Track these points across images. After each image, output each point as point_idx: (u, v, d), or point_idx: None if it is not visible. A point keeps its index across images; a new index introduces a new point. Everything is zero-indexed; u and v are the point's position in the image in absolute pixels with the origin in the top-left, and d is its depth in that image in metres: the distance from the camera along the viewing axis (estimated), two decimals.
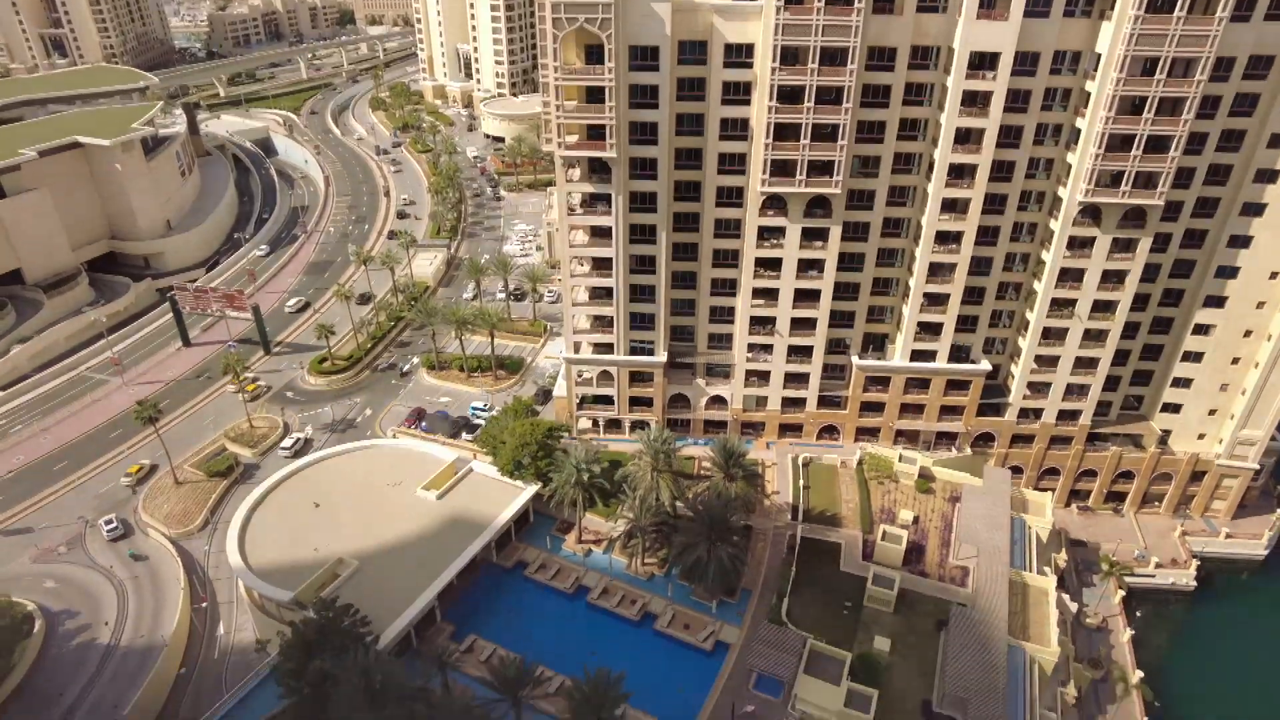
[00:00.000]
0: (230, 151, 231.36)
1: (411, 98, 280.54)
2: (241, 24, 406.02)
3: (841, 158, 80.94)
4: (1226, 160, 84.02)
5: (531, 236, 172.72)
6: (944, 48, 79.18)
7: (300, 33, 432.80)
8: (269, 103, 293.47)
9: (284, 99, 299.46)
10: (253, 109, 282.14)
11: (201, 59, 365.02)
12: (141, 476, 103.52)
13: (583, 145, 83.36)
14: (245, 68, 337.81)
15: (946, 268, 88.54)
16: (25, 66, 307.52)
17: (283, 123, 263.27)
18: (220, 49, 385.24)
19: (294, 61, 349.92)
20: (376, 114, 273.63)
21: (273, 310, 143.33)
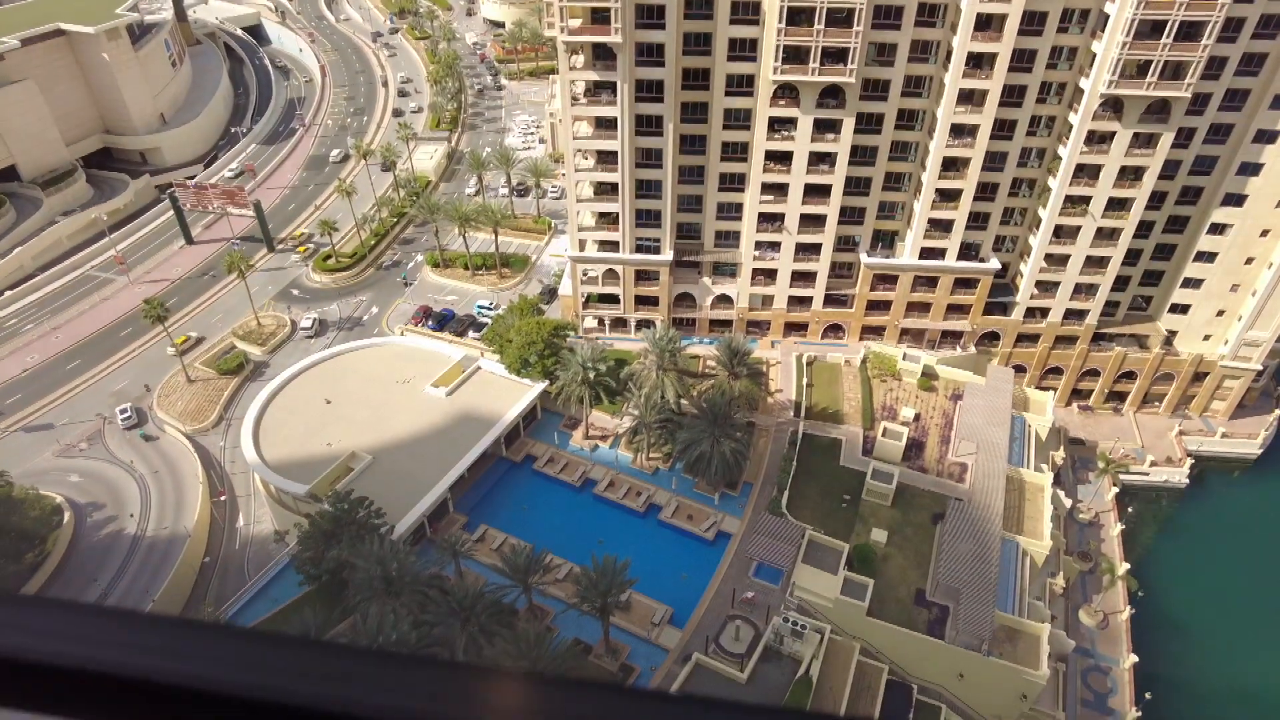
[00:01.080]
0: (221, 40, 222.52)
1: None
2: None
3: (857, 44, 77.52)
4: (1262, 49, 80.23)
5: (534, 128, 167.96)
6: None
7: None
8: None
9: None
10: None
11: None
12: (187, 348, 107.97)
13: (586, 30, 79.87)
14: None
15: (961, 162, 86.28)
16: None
17: (274, 8, 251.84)
18: None
19: None
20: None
21: (274, 207, 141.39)
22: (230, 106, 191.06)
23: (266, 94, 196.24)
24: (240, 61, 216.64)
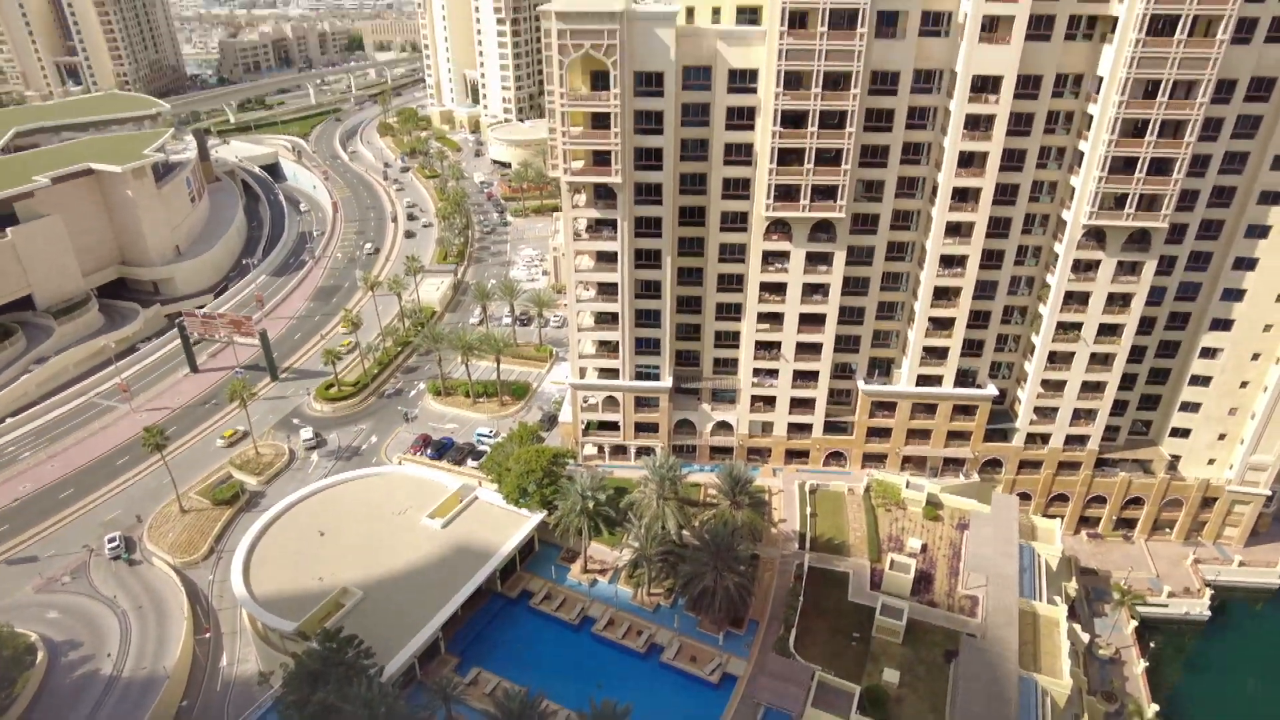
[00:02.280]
0: (239, 177, 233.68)
1: (419, 123, 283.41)
2: (252, 51, 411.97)
3: (845, 182, 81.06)
4: (1230, 182, 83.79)
5: (538, 261, 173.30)
6: (947, 71, 79.42)
7: (309, 59, 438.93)
8: (278, 128, 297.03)
9: (293, 124, 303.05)
10: (262, 134, 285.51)
11: (213, 85, 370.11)
12: (235, 440, 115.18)
13: (588, 170, 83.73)
14: (255, 94, 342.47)
15: (951, 291, 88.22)
16: (40, 94, 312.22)
17: (291, 148, 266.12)
18: (231, 75, 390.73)
19: (303, 87, 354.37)
20: (384, 139, 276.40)
21: (280, 336, 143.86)
22: (244, 239, 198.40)
23: (279, 227, 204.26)
24: (256, 197, 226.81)
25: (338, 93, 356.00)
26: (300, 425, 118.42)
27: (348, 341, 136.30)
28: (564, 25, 75.37)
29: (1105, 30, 76.44)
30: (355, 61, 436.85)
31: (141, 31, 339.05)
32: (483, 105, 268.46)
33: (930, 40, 77.96)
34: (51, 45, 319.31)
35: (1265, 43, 76.10)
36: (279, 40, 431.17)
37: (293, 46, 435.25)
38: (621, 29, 75.32)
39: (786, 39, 75.00)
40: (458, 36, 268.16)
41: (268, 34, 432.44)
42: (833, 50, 75.09)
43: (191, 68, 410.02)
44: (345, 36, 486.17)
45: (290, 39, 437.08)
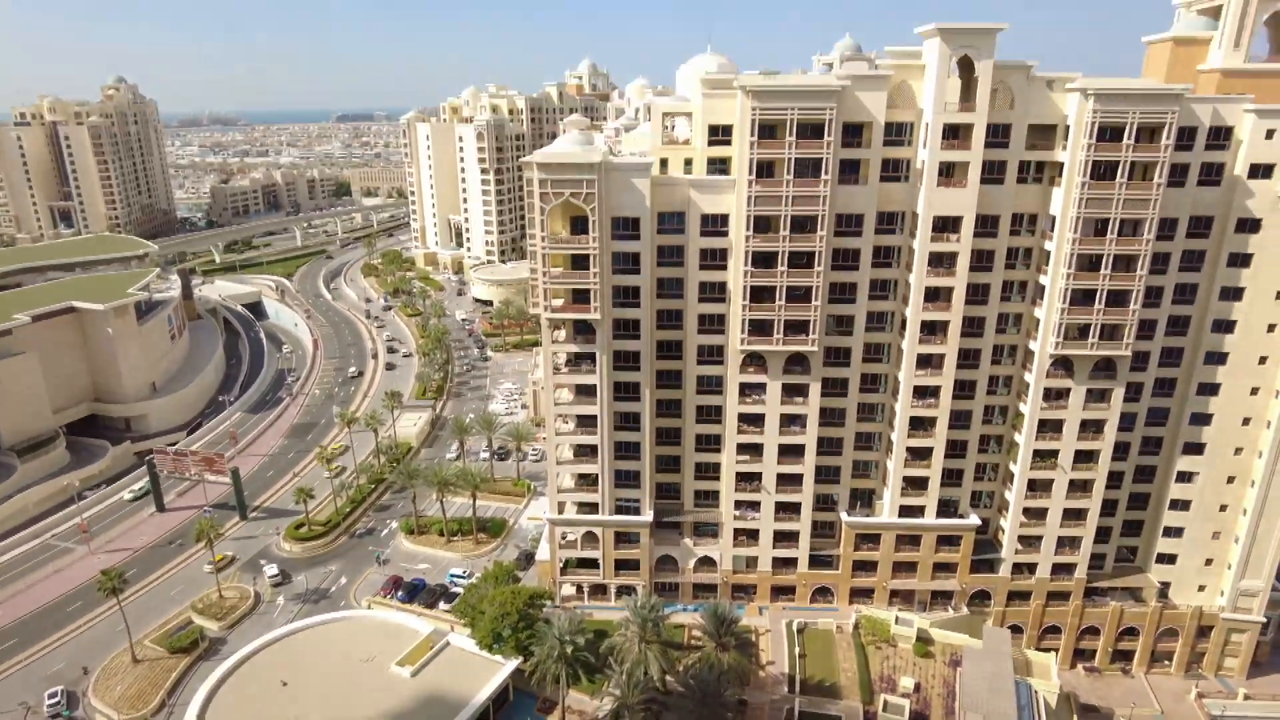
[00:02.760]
0: (221, 315, 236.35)
1: (403, 264, 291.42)
2: (242, 195, 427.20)
3: (816, 317, 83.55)
4: (1184, 312, 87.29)
5: (517, 395, 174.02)
6: (908, 213, 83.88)
7: (298, 203, 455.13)
8: (263, 268, 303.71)
9: (278, 265, 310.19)
10: (247, 274, 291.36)
11: (202, 228, 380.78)
12: (224, 565, 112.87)
13: (568, 308, 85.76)
14: (242, 236, 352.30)
15: (926, 422, 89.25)
16: (31, 236, 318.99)
17: (275, 288, 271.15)
18: (220, 219, 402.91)
19: (290, 230, 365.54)
20: (368, 279, 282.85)
21: (252, 473, 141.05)
22: (221, 375, 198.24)
23: (259, 364, 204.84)
24: (237, 334, 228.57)
25: (324, 235, 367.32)
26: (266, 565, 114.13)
27: (335, 466, 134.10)
28: (545, 175, 79.43)
29: (1053, 174, 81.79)
30: (342, 206, 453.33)
31: (137, 178, 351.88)
32: (466, 248, 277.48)
33: (891, 185, 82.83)
34: (48, 190, 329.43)
35: (1198, 185, 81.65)
36: (269, 186, 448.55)
37: (282, 192, 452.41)
38: (599, 179, 79.46)
39: (755, 187, 79.45)
40: (443, 183, 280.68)
41: (258, 180, 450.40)
42: (798, 196, 79.45)
43: (182, 211, 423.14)
44: (334, 183, 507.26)
45: (280, 185, 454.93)
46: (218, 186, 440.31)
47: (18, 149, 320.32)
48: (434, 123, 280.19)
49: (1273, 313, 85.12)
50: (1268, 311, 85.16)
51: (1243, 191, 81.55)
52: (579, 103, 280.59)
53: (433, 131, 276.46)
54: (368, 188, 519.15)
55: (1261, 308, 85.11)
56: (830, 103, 76.76)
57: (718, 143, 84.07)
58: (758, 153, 78.67)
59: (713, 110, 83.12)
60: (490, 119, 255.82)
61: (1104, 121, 76.20)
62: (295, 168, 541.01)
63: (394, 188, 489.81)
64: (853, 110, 79.15)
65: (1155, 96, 75.71)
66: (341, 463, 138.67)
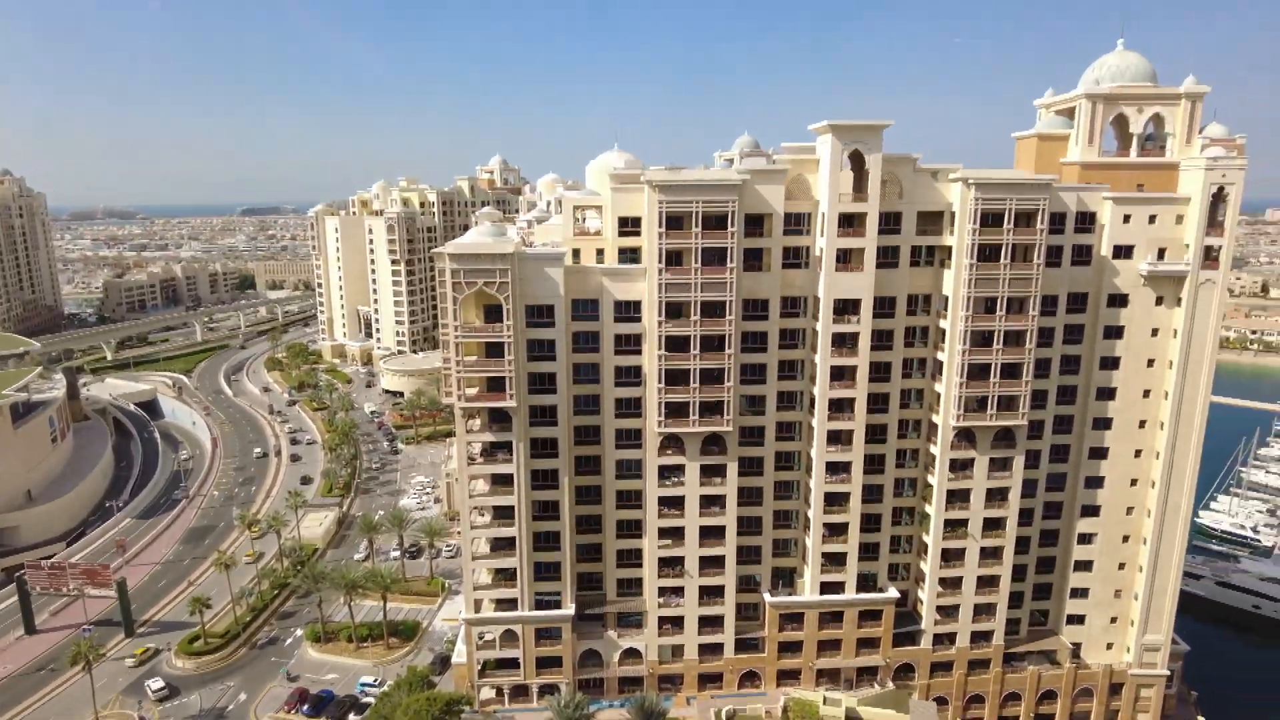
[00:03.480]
0: (112, 415, 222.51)
1: (309, 357, 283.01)
2: (138, 290, 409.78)
3: (730, 398, 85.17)
4: (1071, 382, 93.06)
5: (429, 489, 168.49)
6: (811, 297, 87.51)
7: (199, 297, 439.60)
8: (160, 365, 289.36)
9: (176, 361, 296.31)
10: (142, 372, 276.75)
11: (92, 323, 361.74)
12: (147, 658, 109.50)
13: (483, 397, 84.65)
14: (138, 331, 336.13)
15: (840, 497, 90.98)
16: None
17: (172, 385, 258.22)
18: (114, 314, 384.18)
19: (190, 325, 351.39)
20: (272, 374, 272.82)
21: (141, 585, 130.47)
22: (109, 479, 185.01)
23: (152, 466, 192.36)
24: (129, 435, 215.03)
25: (226, 330, 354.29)
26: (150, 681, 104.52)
27: (252, 552, 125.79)
28: (458, 265, 79.64)
29: (944, 257, 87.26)
30: (246, 300, 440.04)
31: (19, 272, 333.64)
32: (376, 339, 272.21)
33: (793, 271, 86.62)
34: None
35: (1073, 265, 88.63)
36: (168, 280, 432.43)
37: (182, 286, 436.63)
38: (513, 268, 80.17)
39: (665, 274, 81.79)
40: (352, 275, 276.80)
41: (156, 274, 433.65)
42: (707, 283, 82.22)
43: (71, 307, 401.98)
44: (237, 276, 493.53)
45: (180, 279, 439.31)
46: (111, 281, 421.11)
47: None
48: (343, 215, 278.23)
49: (1146, 379, 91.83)
50: (1142, 378, 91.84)
51: (1110, 270, 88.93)
52: (491, 196, 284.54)
53: (342, 224, 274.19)
54: (273, 281, 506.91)
55: (1136, 375, 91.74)
56: (732, 196, 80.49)
57: (628, 233, 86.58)
58: (666, 243, 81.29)
59: (622, 203, 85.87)
60: (401, 212, 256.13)
61: (985, 208, 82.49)
62: (197, 261, 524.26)
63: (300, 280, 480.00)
64: (754, 202, 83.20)
65: (1028, 186, 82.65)
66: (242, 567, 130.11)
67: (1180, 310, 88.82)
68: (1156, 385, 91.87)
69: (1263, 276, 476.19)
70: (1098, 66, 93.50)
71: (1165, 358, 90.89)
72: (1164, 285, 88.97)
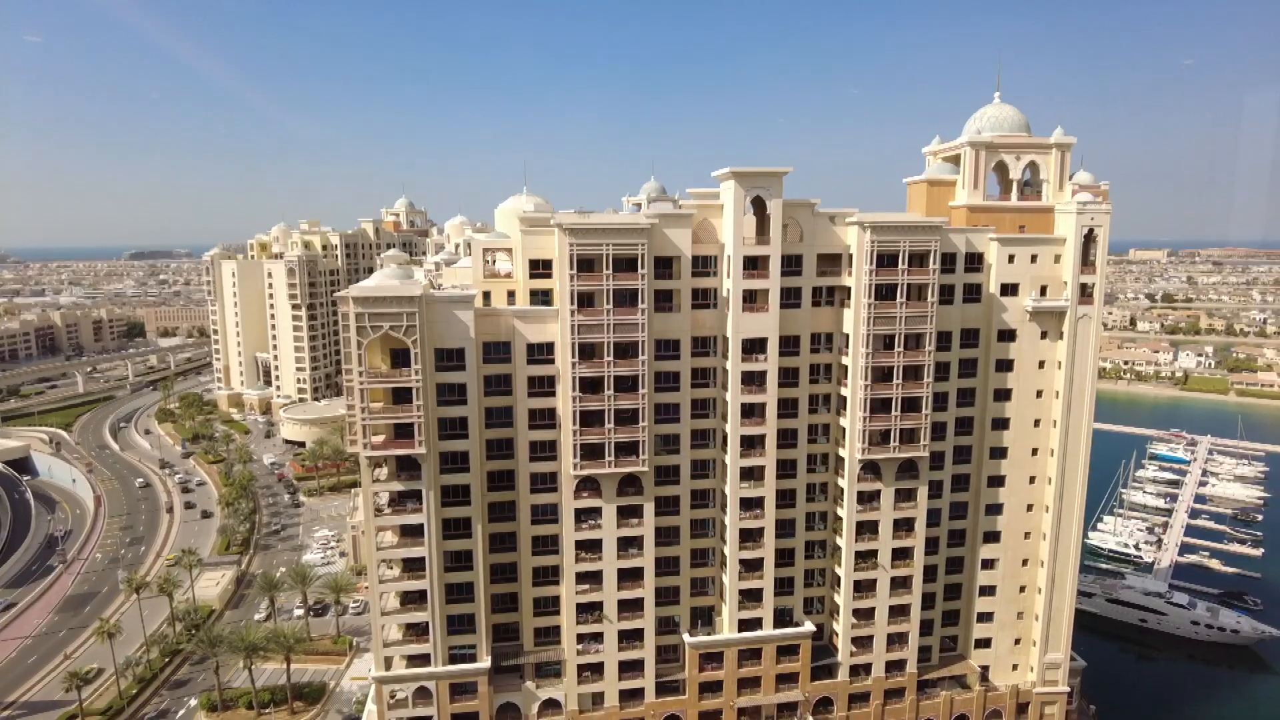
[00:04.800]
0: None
1: (204, 407, 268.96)
2: (10, 339, 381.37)
3: (645, 438, 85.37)
4: (968, 414, 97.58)
5: (334, 542, 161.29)
6: (720, 336, 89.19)
7: (81, 346, 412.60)
8: (34, 419, 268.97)
9: (53, 414, 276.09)
10: (13, 427, 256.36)
11: None
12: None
13: (390, 444, 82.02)
14: (9, 383, 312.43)
15: (755, 533, 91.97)
16: None
17: (49, 440, 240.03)
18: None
19: (70, 375, 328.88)
20: (164, 426, 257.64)
21: (7, 663, 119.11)
22: None
23: (22, 530, 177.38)
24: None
25: (112, 380, 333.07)
26: None
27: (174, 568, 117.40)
28: (362, 309, 77.57)
29: (843, 297, 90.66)
30: (134, 348, 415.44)
31: None
32: (275, 386, 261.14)
33: (702, 312, 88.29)
34: None
35: (964, 303, 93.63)
36: (44, 328, 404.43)
37: (61, 334, 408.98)
38: (420, 311, 78.65)
39: (577, 316, 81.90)
40: (249, 320, 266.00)
41: (30, 321, 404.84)
42: (619, 324, 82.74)
43: None
44: (125, 323, 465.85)
45: (59, 326, 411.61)
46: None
47: None
48: (240, 259, 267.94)
49: (1035, 409, 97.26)
50: (1031, 408, 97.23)
51: (998, 307, 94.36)
52: (397, 239, 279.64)
53: (239, 268, 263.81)
54: (165, 328, 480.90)
55: (1026, 405, 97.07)
56: (641, 239, 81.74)
57: (539, 275, 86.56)
58: (578, 285, 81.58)
59: (533, 246, 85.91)
60: (303, 255, 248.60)
61: (881, 250, 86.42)
62: (79, 308, 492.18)
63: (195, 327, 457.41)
64: (662, 245, 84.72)
65: (919, 228, 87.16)
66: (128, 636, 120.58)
67: (1063, 343, 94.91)
68: (1045, 414, 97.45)
69: (1130, 310, 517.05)
70: (978, 117, 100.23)
71: (1052, 388, 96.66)
72: (1047, 320, 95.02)
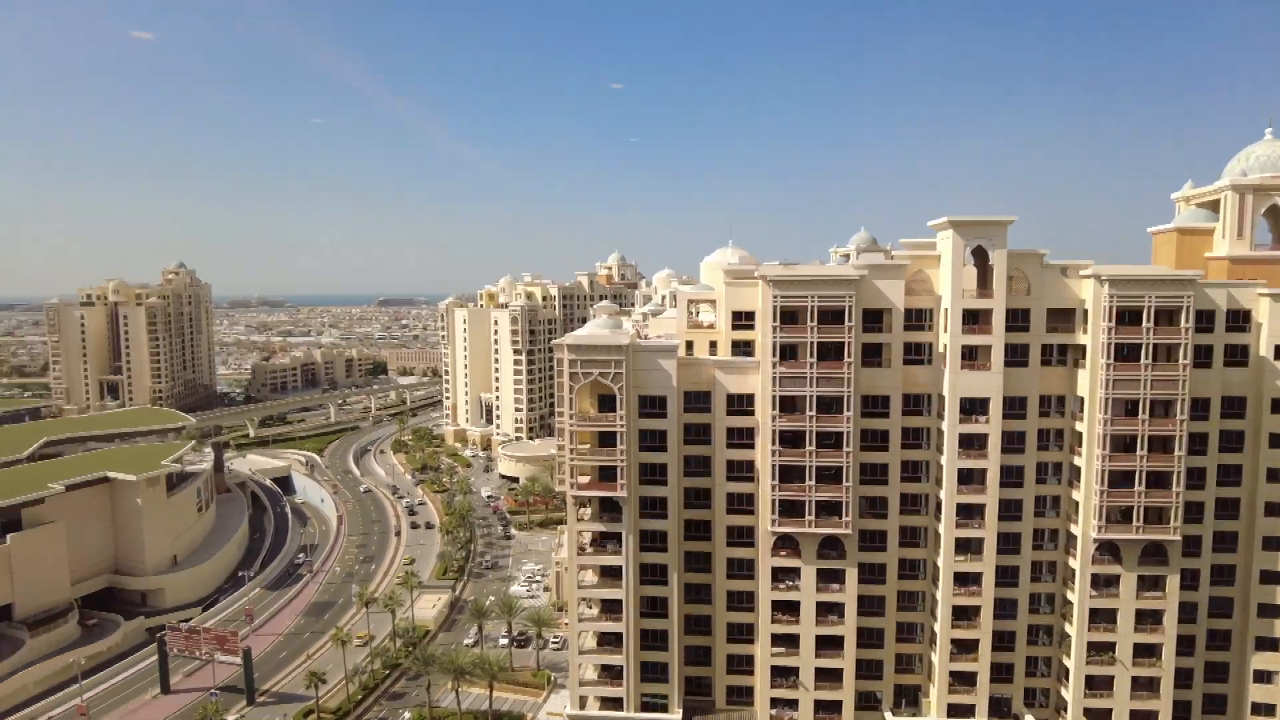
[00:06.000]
0: (250, 488, 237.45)
1: (433, 440, 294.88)
2: (281, 373, 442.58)
3: (848, 499, 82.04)
4: (1232, 494, 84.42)
5: (539, 577, 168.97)
6: (935, 395, 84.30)
7: (334, 381, 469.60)
8: (296, 443, 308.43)
9: (310, 440, 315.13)
10: (279, 449, 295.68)
11: (239, 402, 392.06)
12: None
13: (594, 485, 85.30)
14: (278, 411, 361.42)
15: (970, 611, 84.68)
16: (79, 408, 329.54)
17: (305, 462, 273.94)
18: (259, 394, 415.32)
19: (325, 406, 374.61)
20: (398, 456, 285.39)
21: (264, 654, 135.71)
22: (243, 550, 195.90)
23: (281, 540, 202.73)
24: (264, 508, 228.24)
25: (358, 412, 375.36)
26: None
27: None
28: (575, 356, 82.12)
29: (1077, 356, 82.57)
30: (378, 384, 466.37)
31: (183, 355, 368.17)
32: (495, 425, 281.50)
33: (915, 368, 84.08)
34: (100, 364, 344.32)
35: (1225, 366, 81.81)
36: (308, 364, 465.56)
37: (320, 370, 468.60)
38: (627, 359, 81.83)
39: (779, 368, 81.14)
40: (476, 363, 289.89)
41: (298, 358, 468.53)
42: (822, 377, 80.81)
43: (223, 386, 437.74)
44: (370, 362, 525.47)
45: (319, 363, 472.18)
46: (259, 364, 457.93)
47: (79, 327, 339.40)
48: (471, 308, 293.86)
49: None
50: None
51: (1271, 373, 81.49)
52: (608, 291, 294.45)
53: (469, 315, 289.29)
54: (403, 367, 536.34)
55: None
56: (849, 290, 79.81)
57: (741, 327, 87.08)
58: (780, 337, 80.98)
59: (736, 298, 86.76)
60: (524, 305, 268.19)
61: (1122, 305, 78.03)
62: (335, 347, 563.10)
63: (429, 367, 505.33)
64: (871, 297, 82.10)
65: (1169, 282, 77.91)
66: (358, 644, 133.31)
67: None
68: None
69: None
70: (1243, 157, 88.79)
71: None
72: None
